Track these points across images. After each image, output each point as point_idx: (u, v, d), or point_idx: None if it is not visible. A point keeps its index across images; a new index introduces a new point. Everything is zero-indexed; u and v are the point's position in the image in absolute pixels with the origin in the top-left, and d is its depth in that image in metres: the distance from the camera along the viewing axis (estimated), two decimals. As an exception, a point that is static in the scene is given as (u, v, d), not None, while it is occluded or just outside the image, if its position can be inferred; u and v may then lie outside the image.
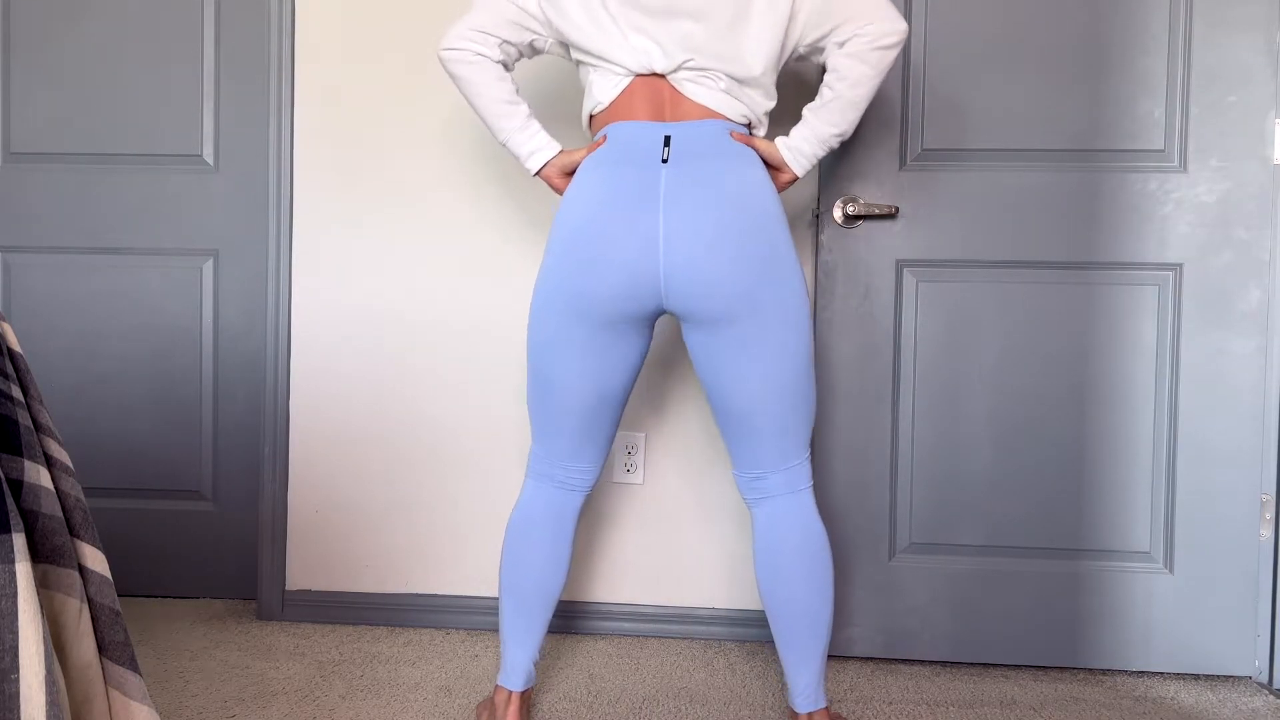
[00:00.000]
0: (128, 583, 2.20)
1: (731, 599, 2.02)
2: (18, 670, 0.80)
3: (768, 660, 1.88)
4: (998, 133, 1.82)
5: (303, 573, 2.07)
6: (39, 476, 0.91)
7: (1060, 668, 1.86)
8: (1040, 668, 1.86)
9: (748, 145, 1.39)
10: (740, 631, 2.00)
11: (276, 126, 2.04)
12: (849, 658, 1.89)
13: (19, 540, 0.82)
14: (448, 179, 2.03)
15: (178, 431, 2.19)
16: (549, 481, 1.47)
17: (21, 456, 0.89)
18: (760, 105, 1.43)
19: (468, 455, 2.05)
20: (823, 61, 1.42)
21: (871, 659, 1.89)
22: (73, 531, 0.95)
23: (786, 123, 1.63)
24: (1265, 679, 1.80)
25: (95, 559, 0.95)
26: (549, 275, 1.39)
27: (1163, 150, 1.80)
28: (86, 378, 2.19)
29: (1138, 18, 1.80)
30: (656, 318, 1.43)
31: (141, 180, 2.17)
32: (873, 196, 1.85)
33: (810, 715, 1.42)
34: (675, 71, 1.38)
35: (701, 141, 1.36)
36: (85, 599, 0.92)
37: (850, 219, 1.83)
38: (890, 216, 1.83)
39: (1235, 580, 1.79)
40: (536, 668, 1.56)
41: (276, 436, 2.06)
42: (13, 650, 0.80)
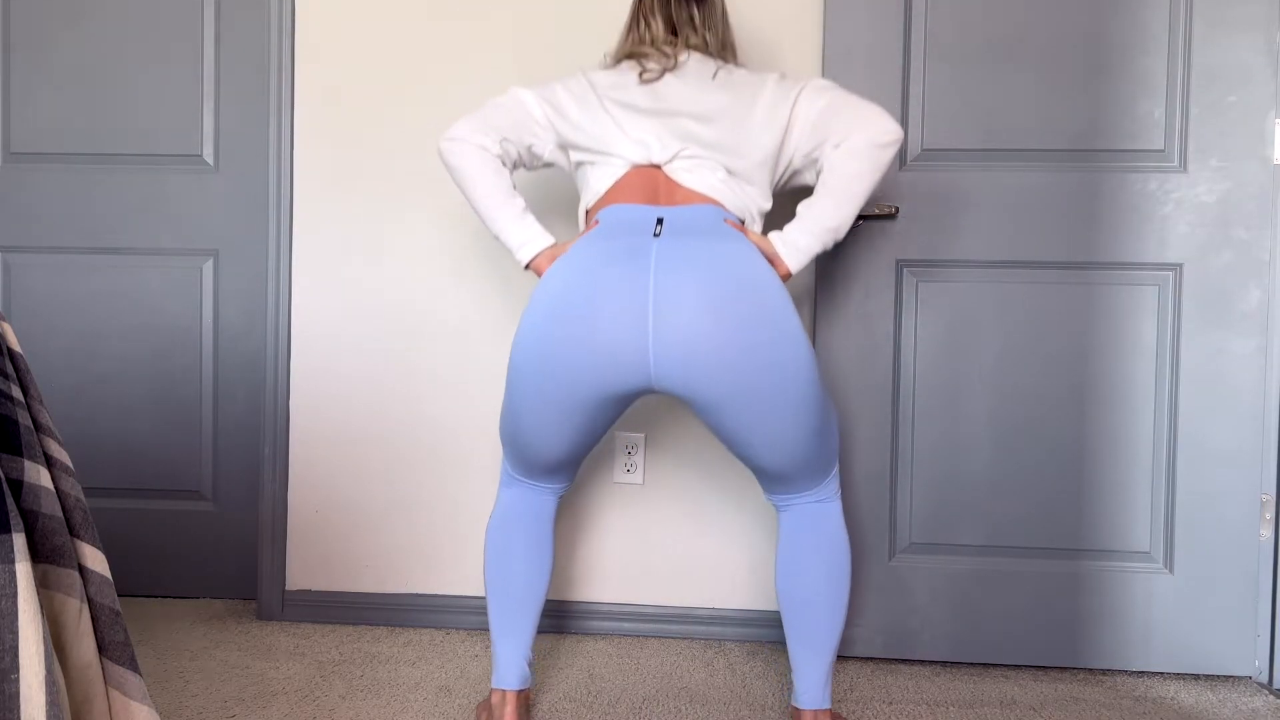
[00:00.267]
0: (128, 583, 2.20)
1: (731, 599, 2.02)
2: (18, 670, 0.80)
3: (768, 660, 1.88)
4: (997, 133, 1.82)
5: (303, 573, 2.07)
6: (39, 476, 0.91)
7: (1060, 668, 1.86)
8: (1040, 668, 1.86)
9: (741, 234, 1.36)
10: (741, 631, 2.00)
11: (276, 126, 2.04)
12: (849, 657, 1.89)
13: (19, 540, 0.82)
14: (448, 179, 2.03)
15: (178, 431, 2.19)
16: (523, 487, 1.51)
17: (21, 456, 0.89)
18: (756, 202, 1.41)
19: (468, 455, 2.05)
20: (818, 172, 1.41)
21: (871, 659, 1.89)
22: (73, 531, 0.95)
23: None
24: (1265, 679, 1.80)
25: (95, 559, 0.95)
26: (530, 336, 1.33)
27: (1163, 150, 1.80)
28: (86, 378, 2.19)
29: (1138, 18, 1.80)
30: (640, 395, 1.36)
31: (141, 180, 2.17)
32: (872, 196, 1.85)
33: (815, 714, 1.43)
34: (671, 161, 1.37)
35: (696, 222, 1.32)
36: (85, 599, 0.92)
37: (850, 219, 1.84)
38: (890, 217, 1.83)
39: (1235, 580, 1.79)
40: (531, 668, 1.55)
41: (276, 436, 2.06)
42: (13, 650, 0.80)
